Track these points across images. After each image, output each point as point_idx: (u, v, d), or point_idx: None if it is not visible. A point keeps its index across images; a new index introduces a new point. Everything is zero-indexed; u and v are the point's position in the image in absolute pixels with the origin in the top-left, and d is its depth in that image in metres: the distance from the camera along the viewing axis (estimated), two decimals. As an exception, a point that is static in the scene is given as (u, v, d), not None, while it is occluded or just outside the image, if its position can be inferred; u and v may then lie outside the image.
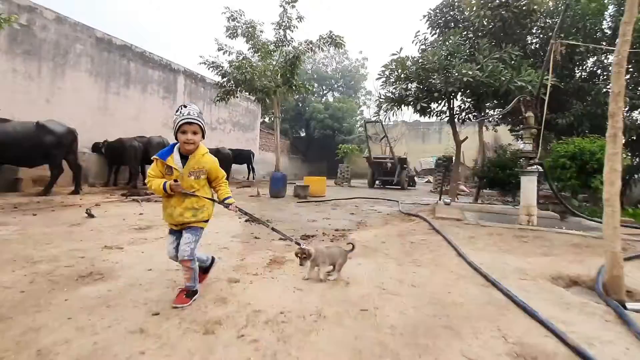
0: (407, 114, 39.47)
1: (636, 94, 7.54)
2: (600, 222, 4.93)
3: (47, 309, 1.93)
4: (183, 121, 1.96)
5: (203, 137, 2.08)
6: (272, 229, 2.59)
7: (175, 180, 1.98)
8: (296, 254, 2.53)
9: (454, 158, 9.69)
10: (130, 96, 11.66)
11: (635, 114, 8.02)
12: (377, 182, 15.67)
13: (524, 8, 6.76)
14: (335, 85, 33.43)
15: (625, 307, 2.12)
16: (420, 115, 7.92)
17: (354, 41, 47.20)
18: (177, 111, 2.02)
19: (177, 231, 2.10)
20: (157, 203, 6.47)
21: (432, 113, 8.19)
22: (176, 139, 2.04)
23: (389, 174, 14.95)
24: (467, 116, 9.05)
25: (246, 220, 5.02)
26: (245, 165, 16.44)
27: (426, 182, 21.83)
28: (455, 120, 8.23)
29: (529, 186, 4.60)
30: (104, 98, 10.79)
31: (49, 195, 7.03)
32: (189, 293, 2.07)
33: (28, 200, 6.25)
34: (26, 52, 8.68)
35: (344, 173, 17.00)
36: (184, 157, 2.04)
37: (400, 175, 14.56)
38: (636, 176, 8.54)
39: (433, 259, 3.22)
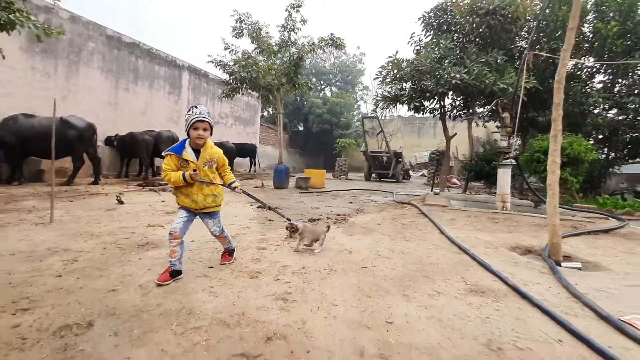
0: (403, 109, 40.04)
1: (611, 94, 8.24)
2: (566, 208, 5.67)
3: (129, 264, 2.59)
4: (196, 119, 2.22)
5: (211, 133, 2.36)
6: (269, 207, 3.34)
7: (195, 171, 2.25)
8: (286, 228, 3.13)
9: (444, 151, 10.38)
10: (138, 92, 12.17)
11: (610, 113, 8.70)
12: (373, 175, 16.34)
13: (509, 15, 7.39)
14: (333, 80, 33.90)
15: (560, 265, 2.83)
16: (414, 113, 8.59)
17: (350, 36, 47.34)
18: (189, 110, 2.28)
19: (191, 212, 2.37)
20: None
21: (425, 111, 8.85)
22: (188, 135, 2.30)
23: (385, 168, 15.62)
24: (458, 113, 9.74)
25: (257, 207, 5.69)
26: (245, 158, 17.03)
27: (420, 175, 22.55)
28: (447, 117, 8.90)
29: (503, 177, 5.32)
30: (114, 94, 11.30)
31: (72, 185, 7.62)
32: (230, 252, 2.71)
33: (58, 190, 6.85)
34: (44, 50, 9.16)
35: (341, 166, 17.65)
36: (196, 151, 2.31)
37: (395, 169, 15.23)
38: (611, 169, 9.28)
39: (419, 235, 3.91)
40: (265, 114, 24.75)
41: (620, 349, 1.58)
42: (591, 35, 8.26)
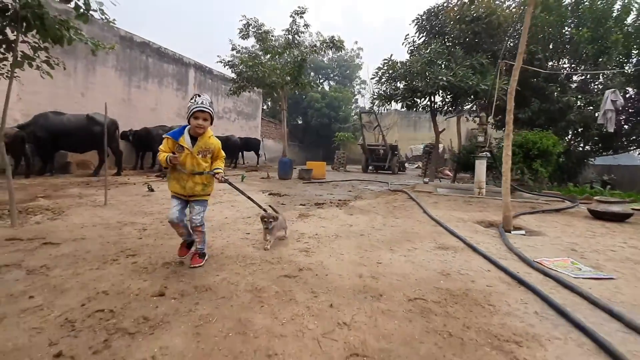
0: (399, 105, 40.79)
1: (585, 94, 9.13)
2: (535, 194, 6.58)
3: (186, 231, 3.45)
4: (197, 109, 2.24)
5: (211, 123, 2.36)
6: (248, 197, 2.87)
7: (173, 153, 2.28)
8: (262, 219, 2.85)
9: (440, 145, 11.28)
10: (149, 89, 12.90)
11: (589, 110, 9.58)
12: (370, 167, 17.23)
13: (492, 23, 8.19)
14: (332, 75, 34.51)
15: (509, 232, 3.74)
16: (407, 110, 9.43)
17: (349, 30, 47.64)
18: (191, 99, 2.30)
19: (181, 199, 2.41)
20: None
21: (417, 108, 9.70)
22: (188, 122, 2.32)
23: (382, 160, 16.51)
24: (447, 110, 10.61)
25: (271, 194, 6.56)
26: (250, 152, 17.82)
27: (416, 167, 23.48)
28: (437, 113, 9.76)
29: (480, 167, 6.23)
30: (127, 91, 12.04)
31: (99, 176, 8.45)
32: (201, 254, 2.50)
33: (88, 180, 7.69)
34: (64, 51, 9.83)
35: (340, 159, 18.51)
36: (193, 139, 2.33)
37: (391, 161, 16.13)
38: (586, 160, 10.22)
39: (407, 215, 4.82)
40: (265, 107, 25.41)
41: (525, 274, 2.47)
42: (568, 39, 9.09)
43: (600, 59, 8.34)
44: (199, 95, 2.31)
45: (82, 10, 3.96)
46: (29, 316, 1.68)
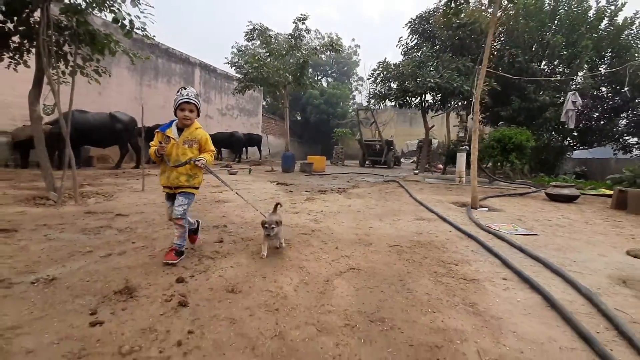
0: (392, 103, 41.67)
1: (564, 91, 10.07)
2: (509, 182, 7.51)
3: (219, 208, 4.36)
4: (182, 100, 2.27)
5: (198, 115, 2.38)
6: (236, 192, 3.03)
7: (160, 143, 2.29)
8: (263, 224, 2.50)
9: (432, 141, 12.23)
10: (158, 87, 13.70)
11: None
12: (367, 162, 18.14)
13: (476, 30, 9.08)
14: (329, 72, 35.25)
15: (475, 209, 4.68)
16: (400, 108, 10.34)
17: (344, 24, 48.25)
18: (177, 92, 2.32)
19: (172, 195, 2.41)
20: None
21: (409, 106, 10.61)
22: (175, 115, 2.36)
23: (378, 155, 17.41)
24: (438, 108, 11.53)
25: (278, 184, 7.47)
26: (253, 147, 18.66)
27: (412, 162, 24.44)
28: (427, 111, 10.68)
29: (460, 159, 7.18)
30: (138, 90, 12.84)
31: (120, 168, 9.31)
32: (178, 252, 2.33)
33: (112, 172, 8.55)
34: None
35: (339, 154, 19.41)
36: (181, 131, 2.37)
37: (387, 156, 17.03)
38: (562, 155, 11.20)
39: (396, 198, 5.75)
40: (264, 104, 26.18)
41: (474, 232, 3.40)
42: (546, 44, 10.00)
43: (572, 63, 9.26)
44: (185, 88, 2.35)
45: (127, 28, 4.78)
46: (140, 252, 2.59)
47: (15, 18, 4.78)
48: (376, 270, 2.38)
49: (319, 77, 35.35)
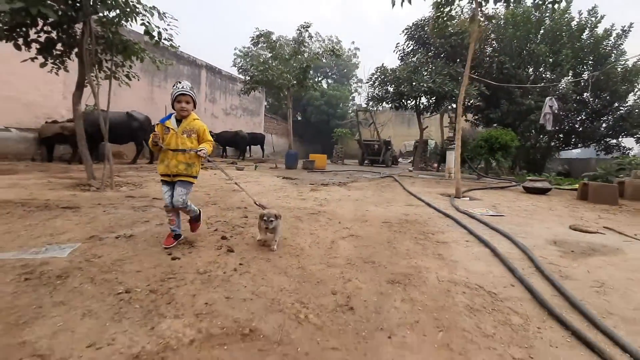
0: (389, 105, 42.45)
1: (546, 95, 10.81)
2: (494, 178, 8.25)
3: (236, 196, 5.07)
4: (178, 92, 2.41)
5: (194, 106, 2.51)
6: (236, 183, 3.29)
7: (155, 132, 2.40)
8: (261, 217, 2.53)
9: (429, 141, 12.97)
10: (168, 88, 14.36)
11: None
12: (366, 161, 18.86)
13: (466, 38, 9.81)
14: (330, 73, 35.97)
15: (458, 198, 5.40)
16: (396, 110, 11.08)
17: (342, 25, 48.99)
18: (173, 86, 2.46)
19: (169, 183, 2.52)
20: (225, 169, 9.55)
21: (405, 108, 11.35)
22: (173, 107, 2.49)
23: (376, 154, 18.12)
24: (432, 110, 12.27)
25: (284, 178, 8.17)
26: (256, 146, 19.35)
27: (409, 162, 25.19)
28: (422, 113, 11.41)
29: (450, 157, 7.91)
30: (150, 90, 13.53)
31: (136, 163, 10.00)
32: (176, 235, 2.57)
33: (129, 167, 9.24)
34: (101, 56, 11.33)
35: (338, 153, 20.12)
36: (179, 122, 2.49)
37: (385, 155, 17.74)
38: (548, 155, 11.95)
39: (390, 190, 6.47)
40: (266, 104, 26.88)
41: (452, 214, 4.12)
42: (532, 52, 10.75)
43: (555, 69, 10.00)
44: (180, 82, 2.49)
45: (155, 39, 5.49)
46: (184, 223, 3.29)
47: (59, 29, 5.47)
48: (370, 236, 3.09)
49: (320, 79, 36.05)
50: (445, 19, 5.54)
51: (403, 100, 10.36)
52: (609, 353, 1.44)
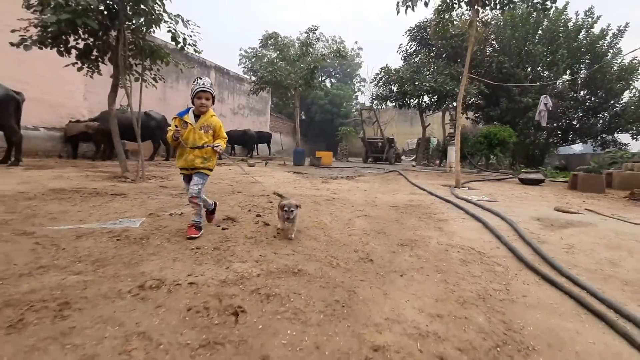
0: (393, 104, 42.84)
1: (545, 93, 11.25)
2: (493, 171, 8.73)
3: (253, 188, 5.61)
4: (199, 89, 2.49)
5: (213, 102, 2.60)
6: (252, 177, 3.94)
7: (177, 127, 2.50)
8: (282, 207, 2.56)
9: (431, 139, 13.47)
10: (179, 89, 14.96)
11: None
12: (369, 158, 19.34)
13: (466, 40, 10.28)
14: (333, 73, 36.44)
15: (457, 188, 5.91)
16: (399, 109, 11.57)
17: (351, 27, 49.38)
18: (194, 81, 2.53)
19: (188, 176, 2.63)
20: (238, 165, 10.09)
21: (408, 107, 11.84)
22: (192, 103, 2.58)
23: (380, 152, 18.59)
24: (435, 108, 12.75)
25: (295, 173, 8.70)
26: (263, 144, 19.89)
27: (412, 160, 25.65)
28: (425, 111, 11.90)
29: (451, 152, 8.40)
30: (163, 91, 14.10)
31: (153, 160, 10.56)
32: (197, 227, 2.57)
33: (149, 163, 9.80)
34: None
35: (343, 151, 20.66)
36: (197, 117, 2.57)
37: (388, 153, 18.22)
38: (547, 151, 12.39)
39: (395, 182, 6.98)
40: (271, 103, 27.40)
41: (455, 201, 4.62)
42: (530, 51, 11.20)
43: (551, 69, 10.45)
44: (200, 78, 2.54)
45: (180, 45, 6.02)
46: (221, 205, 3.82)
47: (96, 37, 6.02)
48: (380, 216, 3.62)
49: (324, 78, 36.52)
50: (446, 23, 6.03)
51: (406, 99, 10.84)
52: (567, 288, 1.94)
